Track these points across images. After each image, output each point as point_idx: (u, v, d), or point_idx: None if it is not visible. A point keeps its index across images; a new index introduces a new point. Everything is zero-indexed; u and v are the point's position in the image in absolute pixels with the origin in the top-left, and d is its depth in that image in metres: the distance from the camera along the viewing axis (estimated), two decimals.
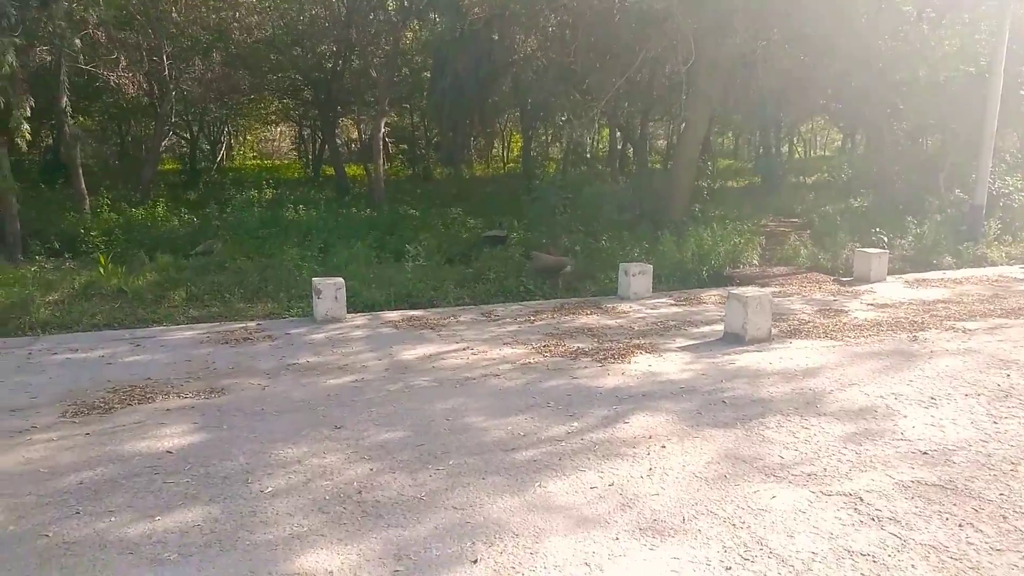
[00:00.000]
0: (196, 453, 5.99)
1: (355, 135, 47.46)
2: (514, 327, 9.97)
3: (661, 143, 40.21)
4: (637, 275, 11.58)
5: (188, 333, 9.65)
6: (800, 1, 14.77)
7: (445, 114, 16.78)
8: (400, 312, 10.75)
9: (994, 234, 16.04)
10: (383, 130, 38.74)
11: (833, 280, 13.08)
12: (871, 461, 5.89)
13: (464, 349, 8.91)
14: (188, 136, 33.58)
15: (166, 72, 19.81)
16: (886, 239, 16.03)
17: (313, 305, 10.20)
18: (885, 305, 11.23)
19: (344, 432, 6.40)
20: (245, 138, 48.81)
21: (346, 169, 30.94)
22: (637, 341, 9.26)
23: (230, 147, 47.26)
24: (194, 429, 6.48)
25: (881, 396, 7.33)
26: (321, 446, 6.12)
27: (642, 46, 14.31)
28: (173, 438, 6.29)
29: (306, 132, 40.00)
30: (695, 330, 9.87)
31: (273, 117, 35.44)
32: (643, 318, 10.48)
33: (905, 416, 6.82)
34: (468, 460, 5.84)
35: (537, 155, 35.48)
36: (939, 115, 20.35)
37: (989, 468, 5.79)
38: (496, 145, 42.66)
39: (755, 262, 14.20)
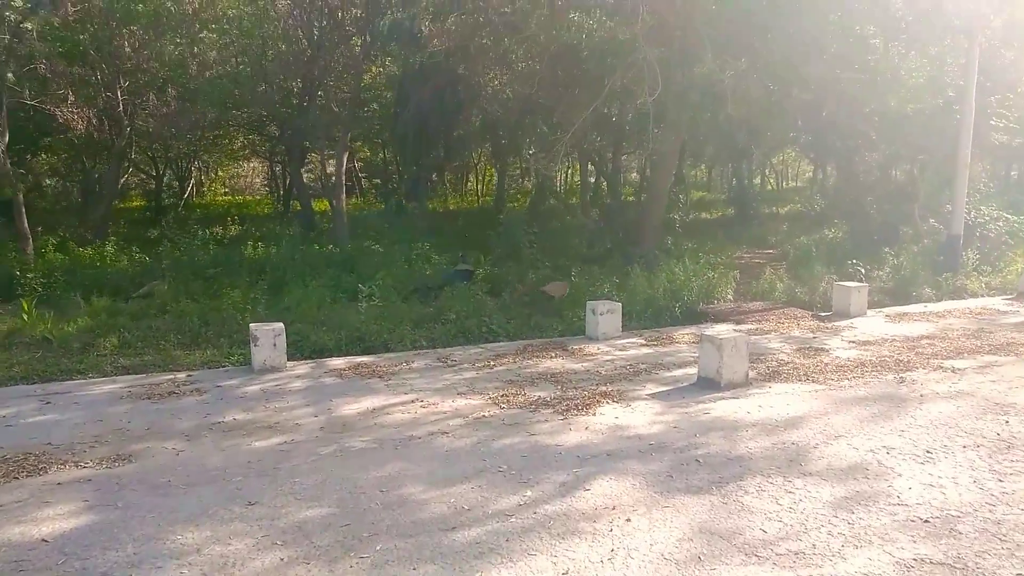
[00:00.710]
0: (77, 541, 5.00)
1: (329, 170, 46.90)
2: (471, 374, 9.07)
3: (634, 176, 39.85)
4: (605, 314, 10.75)
5: (109, 387, 8.63)
6: (767, 31, 14.27)
7: (408, 148, 16.02)
8: (347, 359, 9.81)
9: (972, 264, 15.46)
10: (349, 165, 38.05)
11: (812, 315, 12.33)
12: (866, 534, 5.04)
13: (413, 401, 7.99)
14: (154, 173, 32.59)
15: (120, 108, 18.91)
16: (863, 271, 15.40)
17: (251, 353, 9.24)
18: (868, 342, 10.48)
19: (258, 510, 5.44)
20: (216, 174, 47.80)
21: (316, 205, 30.24)
22: (604, 388, 8.39)
23: (200, 183, 46.31)
24: (82, 509, 5.49)
25: (871, 450, 6.50)
26: (228, 528, 5.15)
27: (609, 77, 13.64)
28: (54, 521, 5.29)
29: (277, 168, 39.17)
30: (667, 374, 9.02)
31: (240, 153, 34.44)
32: (611, 361, 9.62)
33: (900, 475, 5.99)
34: (399, 544, 4.90)
35: (511, 189, 34.89)
36: (909, 145, 19.99)
37: (1000, 539, 4.97)
38: (470, 179, 42.11)
39: (730, 297, 13.45)
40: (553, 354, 9.97)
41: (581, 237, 15.39)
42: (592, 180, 31.73)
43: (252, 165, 47.15)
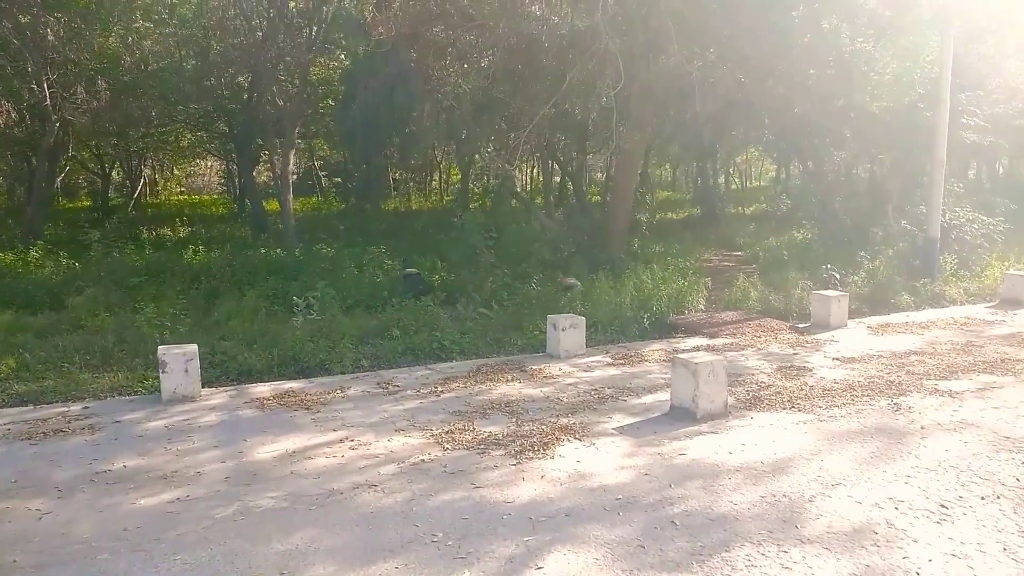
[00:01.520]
0: None
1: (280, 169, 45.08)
2: (415, 403, 7.83)
3: (600, 175, 38.82)
4: (568, 329, 9.59)
5: None
6: (737, 20, 13.20)
7: (358, 145, 14.72)
8: (273, 385, 8.50)
9: (950, 269, 14.60)
10: (309, 163, 36.47)
11: (789, 327, 11.30)
12: None
13: (341, 441, 6.74)
14: (100, 171, 30.68)
15: (47, 102, 17.26)
16: (838, 276, 14.46)
17: (160, 381, 7.90)
18: (853, 359, 9.46)
19: None
20: (172, 172, 45.71)
21: (270, 205, 28.67)
22: (564, 420, 7.22)
23: (154, 182, 44.22)
24: None
25: (877, 504, 5.43)
26: None
27: (569, 70, 12.48)
28: None
29: (233, 166, 37.37)
30: (636, 401, 7.88)
31: (190, 150, 32.68)
32: (574, 385, 8.46)
33: (915, 540, 4.91)
34: None
35: (476, 188, 33.54)
36: (880, 144, 19.19)
37: None
38: (434, 178, 40.66)
39: (701, 307, 12.38)
40: (509, 376, 8.77)
41: (542, 241, 14.22)
42: (557, 180, 30.62)
43: (209, 164, 45.20)
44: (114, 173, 39.64)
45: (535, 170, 38.36)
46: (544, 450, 6.45)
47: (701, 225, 24.86)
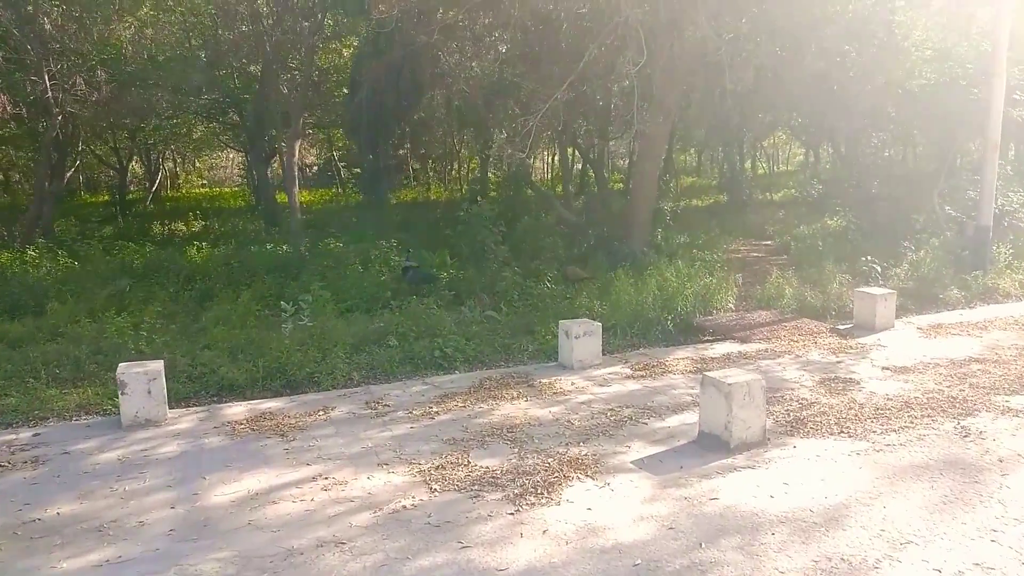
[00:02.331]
0: None
1: (308, 160, 44.21)
2: (405, 427, 6.79)
3: (623, 163, 37.37)
4: (582, 337, 8.47)
5: None
6: None
7: (363, 134, 13.69)
8: (250, 405, 7.50)
9: (1005, 260, 13.20)
10: (328, 154, 35.53)
11: (829, 329, 10.06)
12: None
13: (314, 479, 5.72)
14: (118, 165, 30.02)
15: (48, 94, 16.42)
16: (879, 269, 13.15)
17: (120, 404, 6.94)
18: (906, 369, 8.22)
19: None
20: (194, 165, 45.15)
21: (283, 198, 27.72)
22: (575, 451, 6.13)
23: (175, 175, 43.67)
24: None
25: (961, 573, 4.27)
26: None
27: (586, 48, 11.28)
28: None
29: (251, 158, 36.56)
30: (658, 424, 6.76)
31: (206, 142, 31.96)
32: (587, 403, 7.35)
33: None
34: None
35: (495, 176, 32.37)
36: (922, 124, 17.73)
37: None
38: (454, 166, 39.48)
39: (731, 306, 11.17)
40: (515, 393, 7.68)
41: (556, 235, 13.08)
42: (579, 167, 29.36)
43: (230, 156, 44.54)
44: (135, 166, 39.30)
45: (556, 157, 37.10)
46: (549, 493, 5.37)
47: (728, 213, 23.46)
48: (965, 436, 6.30)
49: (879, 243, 15.01)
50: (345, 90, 24.55)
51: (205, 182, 45.52)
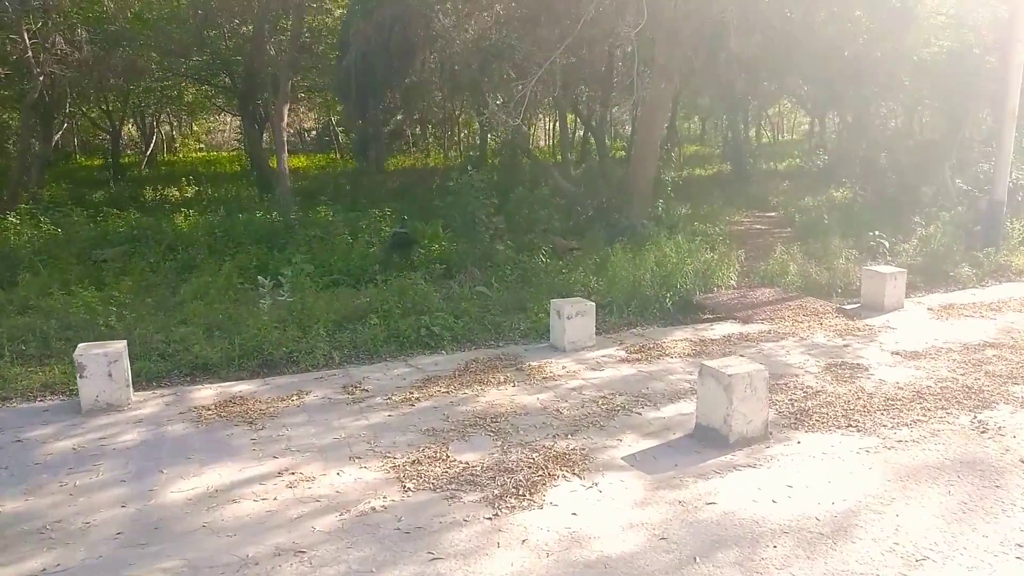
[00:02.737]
0: None
1: (307, 125, 43.29)
2: (383, 415, 6.32)
3: (627, 129, 36.45)
4: (574, 317, 7.97)
5: None
6: None
7: (352, 98, 12.99)
8: (220, 388, 7.03)
9: (1019, 236, 12.62)
10: (326, 119, 34.59)
11: (835, 309, 9.54)
12: None
13: (279, 475, 5.27)
14: (110, 128, 29.24)
15: (29, 53, 15.72)
16: (887, 244, 12.60)
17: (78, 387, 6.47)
18: (917, 354, 7.73)
19: None
20: (192, 129, 44.28)
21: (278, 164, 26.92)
22: (562, 444, 5.67)
23: (172, 139, 42.85)
24: None
25: None
26: None
27: (584, 10, 10.58)
28: None
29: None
30: (653, 414, 6.29)
31: (198, 106, 31.19)
32: (578, 389, 6.88)
33: None
34: None
35: (495, 142, 31.57)
36: (932, 93, 17.01)
37: None
38: (454, 131, 38.54)
39: (732, 283, 10.63)
40: (502, 377, 7.20)
41: (552, 207, 12.49)
42: (581, 134, 28.56)
43: (228, 119, 43.63)
44: (131, 130, 38.46)
45: (556, 124, 36.25)
46: (531, 494, 4.91)
47: (731, 183, 22.78)
48: (983, 432, 5.82)
49: (886, 217, 14.44)
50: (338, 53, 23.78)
51: (203, 146, 44.71)
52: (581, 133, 28.35)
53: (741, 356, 6.92)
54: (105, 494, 5.05)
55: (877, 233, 12.79)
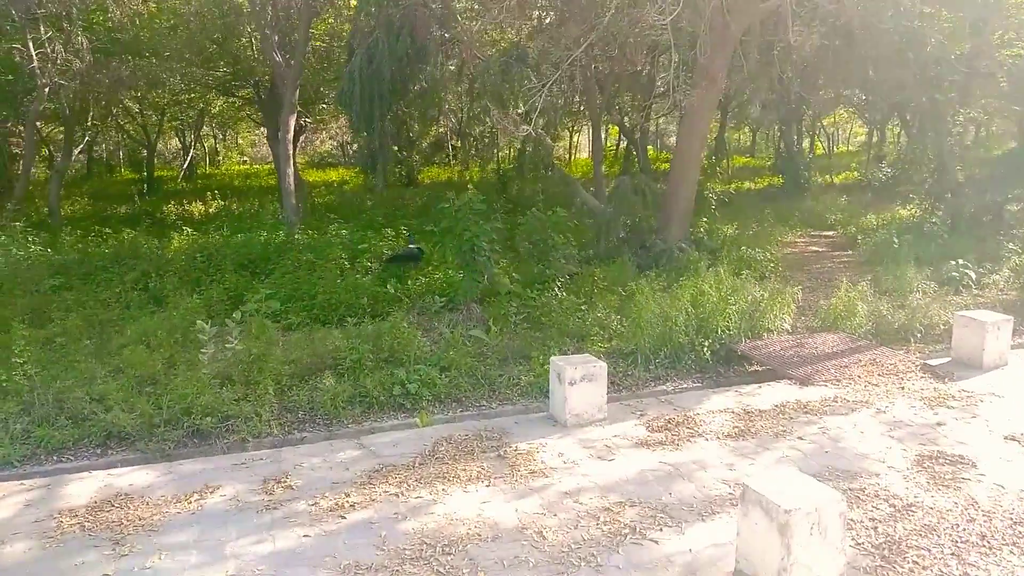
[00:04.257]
0: None
1: (344, 138, 42.23)
2: (298, 533, 4.53)
3: (672, 141, 34.21)
4: (579, 383, 6.05)
5: None
6: None
7: (356, 106, 11.42)
8: (107, 479, 5.31)
9: None
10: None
11: (920, 367, 7.38)
12: None
13: None
14: (146, 142, 28.42)
15: (34, 63, 14.59)
16: (972, 275, 10.35)
17: None
18: None
19: None
20: (236, 142, 43.62)
21: (310, 175, 25.74)
22: None
23: (216, 152, 42.25)
24: None
25: None
26: None
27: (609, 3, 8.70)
28: None
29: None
30: (674, 545, 4.34)
31: (229, 118, 30.28)
32: (574, 495, 4.96)
33: None
34: None
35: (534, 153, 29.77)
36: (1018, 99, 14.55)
37: None
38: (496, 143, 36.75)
39: (786, 327, 8.54)
40: (477, 469, 5.33)
41: (571, 230, 10.57)
42: (624, 145, 26.59)
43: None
44: (174, 142, 37.93)
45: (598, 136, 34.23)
46: None
47: (783, 198, 20.45)
48: None
49: (967, 241, 12.14)
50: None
51: (246, 159, 43.99)
52: (625, 146, 26.40)
53: (798, 446, 4.92)
54: None
55: (961, 262, 10.55)
